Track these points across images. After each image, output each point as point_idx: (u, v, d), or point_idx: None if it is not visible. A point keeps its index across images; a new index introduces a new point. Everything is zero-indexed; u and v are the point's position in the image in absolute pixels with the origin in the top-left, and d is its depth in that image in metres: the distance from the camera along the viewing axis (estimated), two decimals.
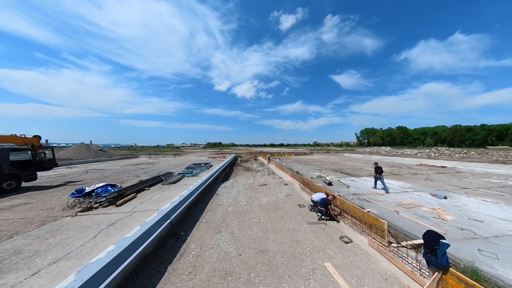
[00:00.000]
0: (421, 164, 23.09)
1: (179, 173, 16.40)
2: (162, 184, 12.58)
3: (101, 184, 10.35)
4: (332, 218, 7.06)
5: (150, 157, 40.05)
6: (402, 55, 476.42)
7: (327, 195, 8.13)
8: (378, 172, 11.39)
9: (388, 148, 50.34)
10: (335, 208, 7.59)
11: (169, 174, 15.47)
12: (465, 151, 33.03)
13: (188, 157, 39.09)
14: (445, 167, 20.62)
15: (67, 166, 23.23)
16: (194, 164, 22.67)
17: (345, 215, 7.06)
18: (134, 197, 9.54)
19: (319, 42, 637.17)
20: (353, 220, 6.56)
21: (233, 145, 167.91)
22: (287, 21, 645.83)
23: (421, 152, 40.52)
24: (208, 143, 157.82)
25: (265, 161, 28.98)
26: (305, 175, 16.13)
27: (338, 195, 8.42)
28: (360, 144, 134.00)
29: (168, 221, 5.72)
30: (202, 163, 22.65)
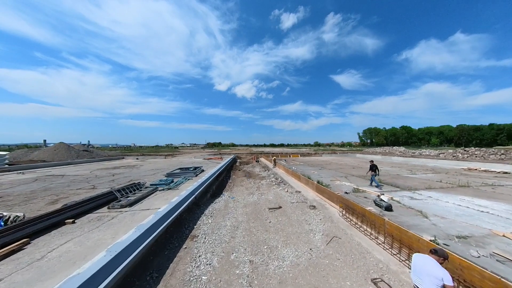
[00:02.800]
0: (469, 169, 18.02)
1: (152, 184, 11.28)
2: (109, 208, 7.46)
3: None
4: None
5: (137, 159, 34.91)
6: (402, 55, 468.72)
7: (442, 258, 2.99)
8: (374, 170, 11.06)
9: (402, 148, 45.25)
10: None
11: (136, 186, 10.35)
12: (502, 151, 28.07)
13: (180, 159, 33.96)
14: (508, 173, 15.54)
15: (19, 172, 18.08)
16: (180, 168, 17.55)
17: None
18: (15, 250, 4.43)
19: (319, 42, 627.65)
20: None
21: (233, 145, 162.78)
22: (288, 20, 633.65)
23: (444, 153, 35.41)
24: (208, 143, 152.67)
25: (269, 164, 23.86)
26: (332, 186, 11.02)
27: (432, 240, 3.33)
28: (363, 144, 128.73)
29: None
30: (191, 168, 17.54)
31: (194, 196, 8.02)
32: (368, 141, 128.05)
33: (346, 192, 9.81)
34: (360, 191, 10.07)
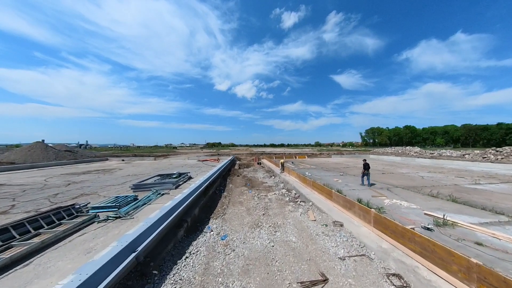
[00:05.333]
0: None
1: (95, 207, 6.85)
2: None
3: None
4: None
5: (123, 160, 30.53)
6: (403, 55, 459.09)
7: None
8: (366, 168, 10.94)
9: (417, 149, 40.80)
10: None
11: (61, 213, 5.94)
12: None
13: (172, 160, 29.60)
14: None
15: None
16: (161, 175, 13.13)
17: None
18: None
19: (320, 42, 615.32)
20: None
21: (233, 145, 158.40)
22: (289, 19, 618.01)
23: (469, 154, 31.03)
24: (208, 143, 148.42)
25: (275, 167, 19.48)
26: (386, 210, 6.64)
27: None
28: (366, 144, 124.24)
29: None
30: (174, 174, 13.12)
31: (134, 254, 3.57)
32: (371, 141, 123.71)
33: (427, 228, 5.41)
34: (448, 224, 5.65)
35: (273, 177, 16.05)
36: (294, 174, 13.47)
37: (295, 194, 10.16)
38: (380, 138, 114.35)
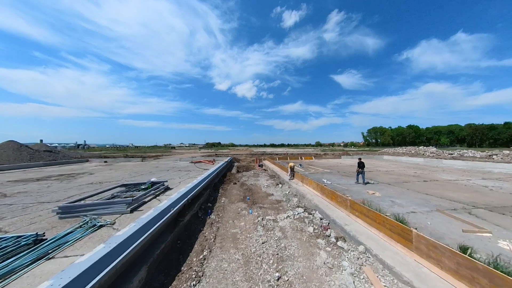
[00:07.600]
0: None
1: None
2: None
3: None
4: None
5: (105, 162, 26.74)
6: (403, 54, 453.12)
7: None
8: (361, 167, 10.81)
9: (433, 149, 36.99)
10: None
11: None
12: None
13: (162, 162, 25.81)
14: None
15: None
16: (125, 185, 9.31)
17: None
18: None
19: (320, 42, 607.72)
20: None
21: (233, 145, 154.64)
22: (290, 18, 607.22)
23: (497, 154, 27.33)
24: (207, 143, 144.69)
25: (280, 171, 15.75)
26: None
27: None
28: (368, 144, 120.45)
29: None
30: (146, 183, 9.32)
31: None
32: (373, 141, 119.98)
33: None
34: None
35: (280, 185, 12.29)
36: (311, 184, 9.68)
37: (322, 219, 6.39)
38: (383, 138, 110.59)
